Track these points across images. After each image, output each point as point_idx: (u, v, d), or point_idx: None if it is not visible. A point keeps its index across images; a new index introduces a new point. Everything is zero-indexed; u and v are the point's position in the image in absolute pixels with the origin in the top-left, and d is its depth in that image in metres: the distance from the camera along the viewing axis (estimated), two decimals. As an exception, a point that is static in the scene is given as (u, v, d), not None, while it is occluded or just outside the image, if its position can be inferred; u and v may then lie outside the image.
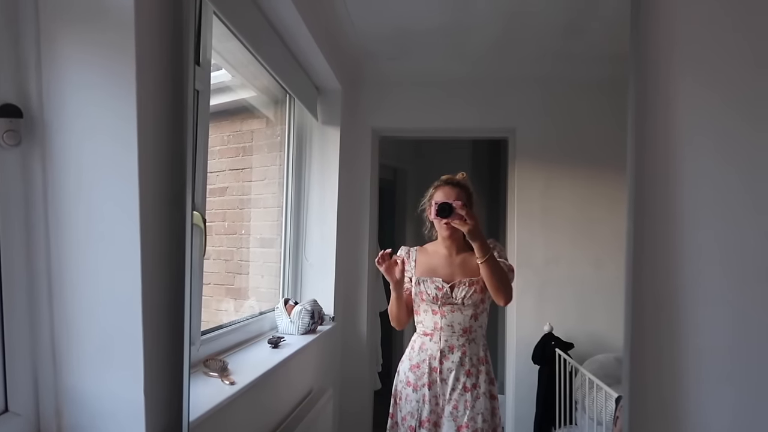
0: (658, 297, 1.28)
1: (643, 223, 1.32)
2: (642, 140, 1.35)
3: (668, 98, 1.30)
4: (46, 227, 1.16)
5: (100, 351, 1.17)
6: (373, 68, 3.25)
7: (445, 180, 2.11)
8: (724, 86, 1.27)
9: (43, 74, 1.14)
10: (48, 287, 1.17)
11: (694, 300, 1.23)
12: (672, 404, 1.25)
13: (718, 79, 1.27)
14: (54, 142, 1.15)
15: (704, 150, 1.26)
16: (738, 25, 1.27)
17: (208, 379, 1.66)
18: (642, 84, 1.36)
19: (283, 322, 2.51)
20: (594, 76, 3.09)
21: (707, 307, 1.21)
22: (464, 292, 2.02)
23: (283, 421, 2.10)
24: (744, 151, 1.26)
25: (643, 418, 1.32)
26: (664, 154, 1.30)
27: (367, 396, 3.27)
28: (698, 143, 1.26)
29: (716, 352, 1.21)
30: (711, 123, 1.27)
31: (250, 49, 2.14)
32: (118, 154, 1.15)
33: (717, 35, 1.28)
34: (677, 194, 1.28)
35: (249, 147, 2.90)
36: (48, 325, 1.17)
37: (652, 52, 1.34)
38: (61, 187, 1.16)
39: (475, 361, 2.05)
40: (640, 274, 1.31)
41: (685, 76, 1.30)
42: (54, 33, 1.15)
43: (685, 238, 1.25)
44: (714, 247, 1.21)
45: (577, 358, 2.81)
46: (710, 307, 1.21)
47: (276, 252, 2.90)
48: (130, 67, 1.14)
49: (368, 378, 3.27)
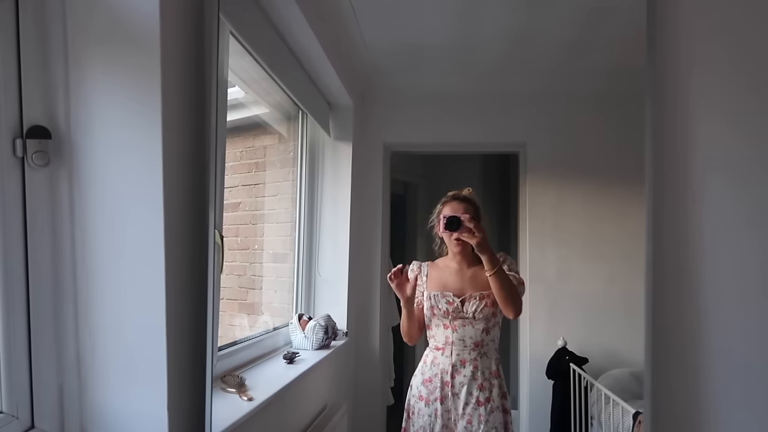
0: (679, 314, 1.28)
1: (663, 240, 1.33)
2: (660, 156, 1.36)
3: (686, 113, 1.31)
4: (73, 246, 1.18)
5: (124, 368, 1.19)
6: (384, 84, 3.28)
7: (452, 196, 2.13)
8: (742, 102, 1.27)
9: (71, 96, 1.17)
10: (74, 305, 1.18)
11: (716, 316, 1.22)
12: (697, 423, 1.25)
13: (736, 92, 1.27)
14: (81, 162, 1.18)
15: (723, 165, 1.26)
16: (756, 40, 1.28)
17: (226, 396, 1.66)
18: (659, 98, 1.37)
19: (297, 337, 2.52)
20: (603, 90, 3.10)
21: (730, 323, 1.21)
22: (475, 306, 2.03)
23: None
24: (762, 164, 1.26)
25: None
26: (683, 168, 1.30)
27: (380, 411, 3.26)
28: (716, 159, 1.27)
29: (741, 369, 1.20)
30: (729, 139, 1.27)
31: (265, 67, 2.18)
32: (143, 174, 1.18)
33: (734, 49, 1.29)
34: (696, 212, 1.28)
35: (262, 162, 2.92)
36: (74, 343, 1.18)
37: (669, 69, 1.35)
38: (87, 206, 1.18)
39: (487, 375, 2.04)
40: (661, 291, 1.31)
41: (702, 93, 1.30)
42: (82, 55, 1.17)
43: (706, 255, 1.25)
44: (736, 263, 1.21)
45: (592, 373, 2.79)
46: (732, 324, 1.20)
47: (289, 267, 2.92)
48: (156, 88, 1.16)
49: (381, 393, 3.26)
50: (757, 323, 1.19)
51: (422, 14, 2.46)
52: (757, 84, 1.25)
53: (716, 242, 1.25)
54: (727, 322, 1.21)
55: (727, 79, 1.27)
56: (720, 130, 1.26)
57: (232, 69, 2.15)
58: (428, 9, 2.41)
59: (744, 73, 1.26)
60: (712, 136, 1.27)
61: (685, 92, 1.31)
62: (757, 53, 1.26)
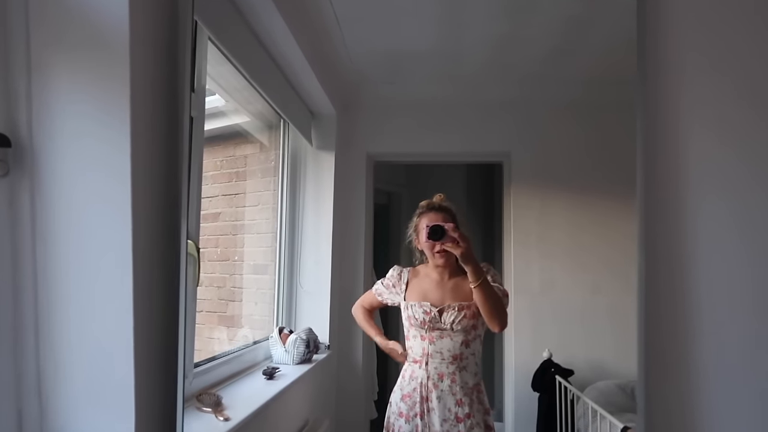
0: (673, 327, 1.25)
1: (655, 251, 1.30)
2: (652, 167, 1.33)
3: (677, 123, 1.29)
4: (34, 259, 1.12)
5: (88, 390, 1.12)
6: (367, 93, 3.25)
7: (426, 206, 2.07)
8: (734, 112, 1.25)
9: (34, 103, 1.11)
10: (35, 323, 1.11)
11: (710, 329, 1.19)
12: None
13: (728, 103, 1.25)
14: (44, 171, 1.11)
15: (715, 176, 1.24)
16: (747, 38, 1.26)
17: (201, 415, 1.60)
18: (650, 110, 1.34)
19: (277, 351, 2.45)
20: (585, 99, 3.11)
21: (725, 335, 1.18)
22: (453, 316, 1.95)
23: (278, 455, 2.04)
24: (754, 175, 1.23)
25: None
26: (674, 180, 1.28)
27: (363, 425, 3.19)
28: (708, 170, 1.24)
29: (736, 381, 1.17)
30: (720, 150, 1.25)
31: (245, 74, 2.13)
32: (110, 184, 1.12)
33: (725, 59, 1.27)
34: (688, 223, 1.25)
35: (242, 172, 2.87)
36: (34, 363, 1.11)
37: (660, 80, 1.33)
38: (50, 217, 1.12)
39: (467, 390, 1.97)
40: (654, 304, 1.28)
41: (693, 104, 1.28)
42: (45, 61, 1.11)
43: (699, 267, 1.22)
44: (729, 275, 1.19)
45: (578, 385, 2.76)
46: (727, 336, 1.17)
47: (270, 278, 2.85)
48: (125, 94, 1.10)
49: (364, 407, 3.20)
50: (752, 335, 1.16)
51: (405, 21, 2.44)
52: (750, 94, 1.22)
53: (709, 254, 1.22)
54: (721, 335, 1.18)
55: (719, 90, 1.25)
56: (712, 142, 1.24)
57: (211, 76, 2.10)
58: (412, 16, 2.39)
59: (736, 83, 1.24)
60: (704, 147, 1.24)
61: (675, 103, 1.29)
62: (748, 63, 1.24)
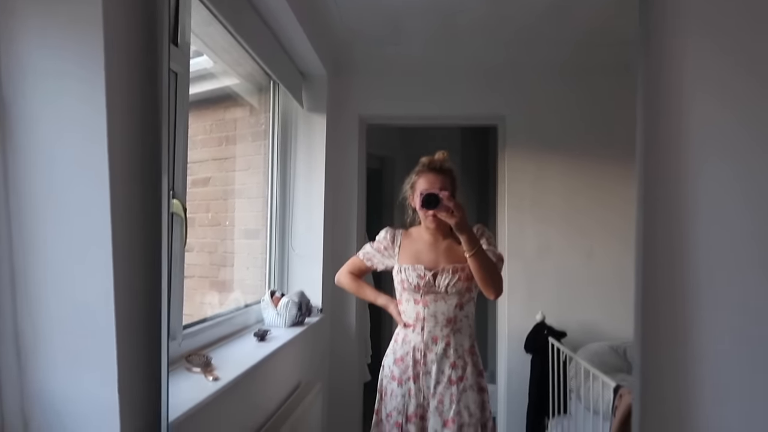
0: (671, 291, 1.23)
1: (654, 217, 1.27)
2: (653, 131, 1.29)
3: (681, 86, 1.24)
4: (8, 215, 1.08)
5: (69, 349, 1.09)
6: (360, 54, 3.17)
7: (427, 164, 2.00)
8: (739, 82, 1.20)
9: (1, 49, 1.06)
10: (11, 281, 1.08)
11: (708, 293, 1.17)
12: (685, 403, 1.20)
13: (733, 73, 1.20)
14: (14, 123, 1.07)
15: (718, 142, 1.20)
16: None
17: (190, 376, 1.58)
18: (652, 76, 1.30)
19: (269, 314, 2.44)
20: (581, 61, 3.04)
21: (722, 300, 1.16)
22: (447, 279, 1.93)
23: (270, 416, 2.03)
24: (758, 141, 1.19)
25: (655, 415, 1.26)
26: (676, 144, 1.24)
27: (356, 389, 3.21)
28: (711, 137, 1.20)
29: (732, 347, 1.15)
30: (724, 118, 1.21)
31: (232, 32, 2.05)
32: (85, 136, 1.07)
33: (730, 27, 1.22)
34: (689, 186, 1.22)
35: (232, 136, 2.82)
36: (11, 323, 1.08)
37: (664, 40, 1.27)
38: (22, 170, 1.08)
39: (460, 353, 1.96)
40: (651, 268, 1.26)
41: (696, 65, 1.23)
42: (13, 4, 1.06)
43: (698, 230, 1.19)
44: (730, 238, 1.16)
45: (570, 346, 2.77)
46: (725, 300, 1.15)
47: (261, 243, 2.83)
48: (98, 45, 1.05)
49: (357, 370, 3.21)
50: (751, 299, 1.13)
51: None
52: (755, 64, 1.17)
53: (709, 215, 1.19)
54: (719, 299, 1.16)
55: (724, 60, 1.20)
56: (715, 110, 1.20)
57: (199, 36, 2.03)
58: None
59: (741, 53, 1.19)
60: (707, 115, 1.20)
61: (678, 66, 1.24)
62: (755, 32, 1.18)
